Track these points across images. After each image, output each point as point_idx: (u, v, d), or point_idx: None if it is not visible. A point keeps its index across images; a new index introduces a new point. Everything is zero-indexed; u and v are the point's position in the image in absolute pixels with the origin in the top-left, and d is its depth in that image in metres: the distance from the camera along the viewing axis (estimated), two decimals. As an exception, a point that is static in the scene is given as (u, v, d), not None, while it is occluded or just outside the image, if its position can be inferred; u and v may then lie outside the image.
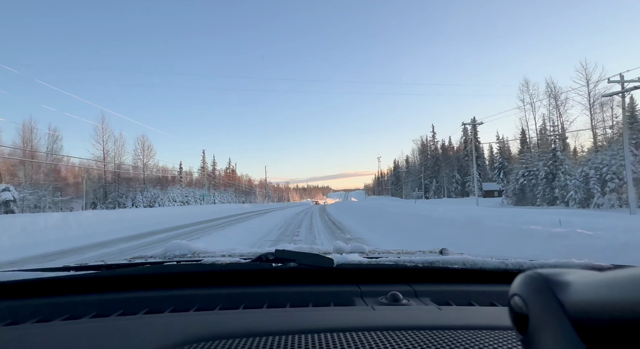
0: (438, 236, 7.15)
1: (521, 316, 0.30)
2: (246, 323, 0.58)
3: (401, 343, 0.48)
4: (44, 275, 0.82)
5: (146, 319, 0.63)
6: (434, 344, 0.48)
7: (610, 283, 0.25)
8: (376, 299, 0.75)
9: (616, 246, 3.84)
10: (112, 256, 6.95)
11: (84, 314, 0.70)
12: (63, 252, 7.54)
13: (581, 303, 0.27)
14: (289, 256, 0.87)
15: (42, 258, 6.86)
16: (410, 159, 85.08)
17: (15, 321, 0.67)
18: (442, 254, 1.16)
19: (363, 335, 0.51)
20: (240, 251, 1.21)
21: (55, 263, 2.10)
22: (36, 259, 6.80)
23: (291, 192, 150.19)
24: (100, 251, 7.78)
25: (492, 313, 0.65)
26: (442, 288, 0.84)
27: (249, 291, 0.81)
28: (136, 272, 0.89)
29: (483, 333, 0.52)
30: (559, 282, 0.29)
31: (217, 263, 0.88)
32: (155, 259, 1.13)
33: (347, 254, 1.04)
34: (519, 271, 0.81)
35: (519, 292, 0.31)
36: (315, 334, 0.52)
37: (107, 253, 7.46)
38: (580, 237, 4.43)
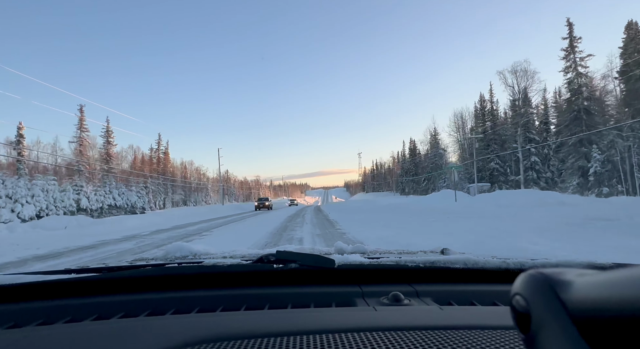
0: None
1: (523, 315, 0.30)
2: (248, 324, 0.58)
3: (403, 344, 0.48)
4: (46, 278, 0.82)
5: (148, 322, 0.63)
6: (436, 345, 0.48)
7: (612, 281, 0.25)
8: (378, 300, 0.75)
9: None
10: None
11: (86, 316, 0.71)
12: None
13: (583, 301, 0.26)
14: (290, 257, 0.87)
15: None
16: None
17: (16, 324, 0.67)
18: (444, 254, 1.16)
19: (365, 336, 0.51)
20: (241, 253, 1.21)
21: (61, 264, 2.09)
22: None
23: (263, 189, 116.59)
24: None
25: (494, 313, 0.65)
26: (443, 288, 0.83)
27: (251, 292, 0.81)
28: (137, 274, 0.89)
29: (485, 332, 0.52)
30: (561, 281, 0.29)
31: (218, 264, 0.88)
32: (156, 261, 1.13)
33: (349, 254, 1.04)
34: (521, 270, 0.81)
35: (521, 291, 0.31)
36: (317, 335, 0.52)
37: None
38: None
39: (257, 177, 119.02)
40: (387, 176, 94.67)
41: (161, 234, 10.93)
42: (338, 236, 8.75)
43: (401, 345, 0.48)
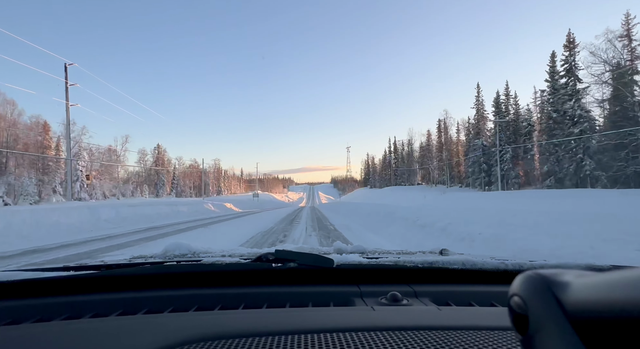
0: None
1: (521, 316, 0.30)
2: (246, 323, 0.58)
3: (401, 344, 0.48)
4: (44, 275, 0.82)
5: (146, 319, 0.63)
6: (433, 345, 0.48)
7: (609, 283, 0.25)
8: (376, 300, 0.75)
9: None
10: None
11: (84, 314, 0.71)
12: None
13: (581, 303, 0.26)
14: (289, 256, 0.87)
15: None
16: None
17: (15, 321, 0.67)
18: (442, 254, 1.16)
19: (363, 335, 0.51)
20: (240, 251, 1.21)
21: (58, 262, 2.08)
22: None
23: (231, 181, 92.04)
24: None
25: (492, 314, 0.65)
26: (442, 289, 0.84)
27: (249, 291, 0.81)
28: (136, 272, 0.89)
29: (483, 333, 0.52)
30: (559, 282, 0.29)
31: (217, 263, 0.88)
32: (155, 259, 1.13)
33: (347, 254, 1.04)
34: (519, 271, 0.81)
35: (519, 292, 0.31)
36: (315, 334, 0.52)
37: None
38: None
39: (215, 161, 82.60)
40: (420, 160, 65.37)
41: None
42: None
43: (399, 345, 0.48)
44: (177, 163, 69.45)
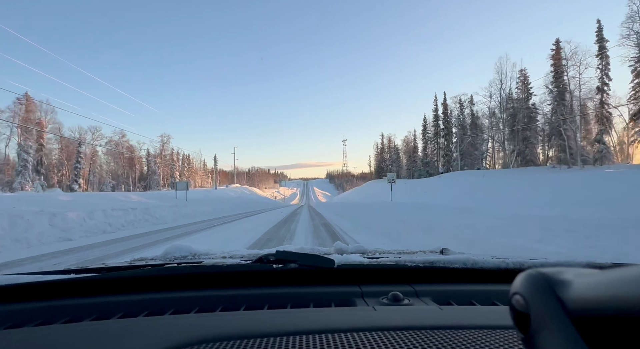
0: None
1: (522, 314, 0.30)
2: (247, 325, 0.58)
3: (402, 343, 0.48)
4: (45, 278, 0.82)
5: (147, 322, 0.63)
6: (435, 344, 0.48)
7: (610, 281, 0.25)
8: (377, 300, 0.75)
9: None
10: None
11: (85, 317, 0.70)
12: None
13: (582, 301, 0.27)
14: (290, 257, 0.87)
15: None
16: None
17: (16, 325, 0.67)
18: (443, 253, 1.16)
19: (364, 335, 0.51)
20: (241, 253, 1.21)
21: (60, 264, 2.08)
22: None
23: (199, 174, 73.24)
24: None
25: (494, 313, 0.65)
26: (443, 288, 0.83)
27: (250, 292, 0.81)
28: (137, 274, 0.88)
29: (484, 332, 0.52)
30: (560, 280, 0.29)
31: (217, 264, 0.88)
32: (156, 261, 1.12)
33: (348, 254, 1.04)
34: (520, 270, 0.81)
35: (520, 291, 0.31)
36: (317, 335, 0.52)
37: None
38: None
39: (163, 138, 60.57)
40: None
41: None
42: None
43: (400, 345, 0.48)
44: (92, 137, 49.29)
